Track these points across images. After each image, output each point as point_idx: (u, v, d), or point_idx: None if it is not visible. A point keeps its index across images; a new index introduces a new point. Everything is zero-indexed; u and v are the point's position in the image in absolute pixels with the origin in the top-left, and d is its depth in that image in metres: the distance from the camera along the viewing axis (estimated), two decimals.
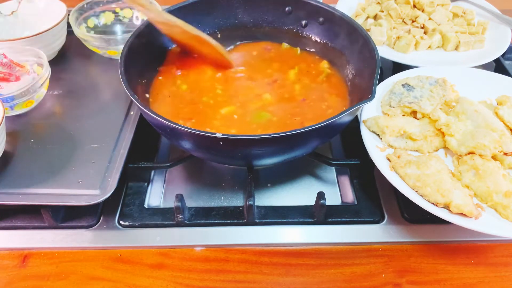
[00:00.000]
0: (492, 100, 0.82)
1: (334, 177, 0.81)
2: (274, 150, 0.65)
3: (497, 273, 0.67)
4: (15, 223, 0.71)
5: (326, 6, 0.87)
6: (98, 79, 0.92)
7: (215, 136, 0.59)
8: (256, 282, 0.65)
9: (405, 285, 0.65)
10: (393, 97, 0.80)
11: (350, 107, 0.64)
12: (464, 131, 0.72)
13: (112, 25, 1.02)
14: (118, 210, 0.73)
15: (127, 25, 1.03)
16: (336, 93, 0.81)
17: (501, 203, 0.64)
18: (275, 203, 0.75)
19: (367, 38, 0.78)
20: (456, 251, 0.69)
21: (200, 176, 0.81)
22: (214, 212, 0.72)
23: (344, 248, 0.70)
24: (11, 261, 0.68)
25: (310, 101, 0.79)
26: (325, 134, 0.69)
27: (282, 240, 0.70)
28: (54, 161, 0.73)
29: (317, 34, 0.91)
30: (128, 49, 0.75)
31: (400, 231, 0.71)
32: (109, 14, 1.01)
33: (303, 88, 0.82)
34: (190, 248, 0.69)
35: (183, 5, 0.86)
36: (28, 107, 0.82)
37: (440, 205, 0.63)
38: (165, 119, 0.61)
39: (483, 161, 0.68)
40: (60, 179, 0.70)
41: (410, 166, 0.67)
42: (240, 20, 0.93)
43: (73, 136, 0.78)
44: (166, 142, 0.87)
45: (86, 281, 0.65)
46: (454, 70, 0.88)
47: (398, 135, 0.74)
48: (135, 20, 1.03)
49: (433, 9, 1.05)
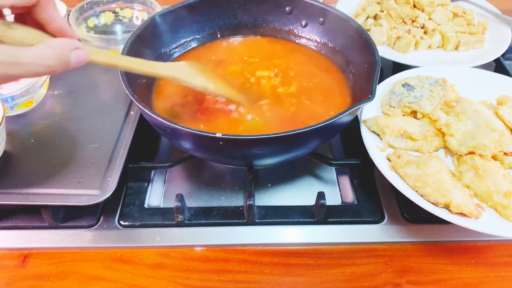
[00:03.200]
0: (492, 100, 0.82)
1: (334, 177, 0.81)
2: (274, 150, 0.65)
3: (497, 273, 0.67)
4: (15, 223, 0.71)
5: (326, 6, 0.87)
6: (98, 79, 0.92)
7: (215, 136, 0.59)
8: (256, 282, 0.65)
9: (405, 285, 0.65)
10: (393, 97, 0.80)
11: (350, 107, 0.64)
12: (464, 131, 0.72)
13: (112, 25, 1.02)
14: (118, 210, 0.73)
15: (127, 25, 1.03)
16: (336, 93, 0.81)
17: (501, 203, 0.64)
18: (275, 203, 0.75)
19: (367, 38, 0.78)
20: (456, 251, 0.69)
21: (200, 176, 0.81)
22: (214, 212, 0.72)
23: (344, 248, 0.70)
24: (11, 261, 0.68)
25: (310, 101, 0.79)
26: (325, 134, 0.69)
27: (282, 240, 0.70)
28: (54, 161, 0.73)
29: (317, 34, 0.91)
30: (129, 49, 0.75)
31: (400, 231, 0.71)
32: (109, 14, 1.01)
33: (303, 88, 0.82)
34: (190, 248, 0.69)
35: (183, 5, 0.86)
36: (28, 107, 0.82)
37: (440, 205, 0.63)
38: (165, 119, 0.61)
39: (483, 161, 0.68)
40: (60, 179, 0.70)
41: (410, 166, 0.67)
42: (240, 20, 0.93)
43: (73, 136, 0.78)
44: (166, 142, 0.87)
45: (86, 281, 0.65)
46: (454, 70, 0.88)
47: (398, 135, 0.74)
48: (135, 20, 1.03)
49: (433, 9, 1.05)
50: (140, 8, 1.03)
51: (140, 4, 1.03)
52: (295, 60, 0.89)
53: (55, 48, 0.47)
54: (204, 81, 0.70)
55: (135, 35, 0.78)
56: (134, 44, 0.77)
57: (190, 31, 0.90)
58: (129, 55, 0.73)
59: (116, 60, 0.59)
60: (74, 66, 0.49)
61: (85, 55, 0.50)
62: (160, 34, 0.84)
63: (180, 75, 0.68)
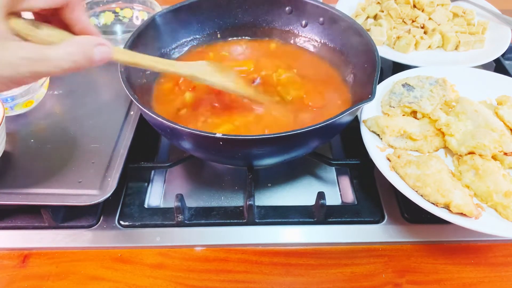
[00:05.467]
0: (492, 100, 0.82)
1: (334, 177, 0.81)
2: (274, 150, 0.65)
3: (497, 273, 0.67)
4: (15, 223, 0.71)
5: (326, 6, 0.87)
6: (98, 79, 0.92)
7: (215, 136, 0.59)
8: (256, 282, 0.65)
9: (405, 285, 0.65)
10: (393, 97, 0.80)
11: (350, 107, 0.64)
12: (464, 131, 0.72)
13: (112, 25, 1.02)
14: (118, 210, 0.73)
15: (127, 25, 1.03)
16: (336, 93, 0.81)
17: (501, 203, 0.64)
18: (275, 203, 0.75)
19: (367, 38, 0.78)
20: (456, 251, 0.69)
21: (200, 176, 0.81)
22: (214, 212, 0.72)
23: (344, 248, 0.70)
24: (11, 261, 0.68)
25: (309, 101, 0.79)
26: (325, 134, 0.69)
27: (282, 240, 0.70)
28: (54, 161, 0.73)
29: (317, 34, 0.91)
30: (129, 49, 0.75)
31: (400, 231, 0.71)
32: (109, 14, 1.01)
33: (303, 88, 0.82)
34: (190, 248, 0.69)
35: (183, 5, 0.86)
36: (28, 107, 0.82)
37: (440, 205, 0.63)
38: (165, 119, 0.61)
39: (483, 161, 0.68)
40: (60, 179, 0.70)
41: (410, 166, 0.67)
42: (240, 20, 0.93)
43: (73, 136, 0.78)
44: (166, 142, 0.87)
45: (86, 281, 0.65)
46: (454, 70, 0.88)
47: (398, 135, 0.74)
48: (135, 20, 1.03)
49: (433, 9, 1.05)
50: (140, 8, 1.03)
51: (140, 4, 1.03)
52: (295, 60, 0.89)
53: (79, 44, 0.47)
54: (223, 80, 0.71)
55: (135, 35, 0.78)
56: (134, 44, 0.77)
57: (190, 31, 0.90)
58: None
59: (139, 59, 0.61)
60: (98, 62, 0.49)
61: (108, 51, 0.50)
62: (160, 34, 0.84)
63: (200, 74, 0.69)
